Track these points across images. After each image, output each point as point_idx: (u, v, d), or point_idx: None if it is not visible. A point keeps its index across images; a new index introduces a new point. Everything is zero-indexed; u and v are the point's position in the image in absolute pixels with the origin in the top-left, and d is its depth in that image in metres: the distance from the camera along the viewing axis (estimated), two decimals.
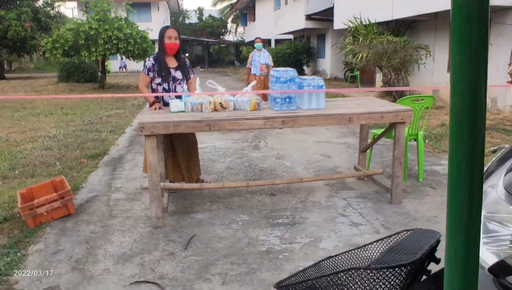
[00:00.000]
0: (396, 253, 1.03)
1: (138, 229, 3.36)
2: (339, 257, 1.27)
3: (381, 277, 0.94)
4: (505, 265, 0.80)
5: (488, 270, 0.82)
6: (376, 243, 1.26)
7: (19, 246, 3.10)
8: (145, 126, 3.23)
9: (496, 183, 0.92)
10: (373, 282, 0.95)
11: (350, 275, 0.98)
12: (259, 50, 9.04)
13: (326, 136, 6.70)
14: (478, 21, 0.43)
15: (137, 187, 4.34)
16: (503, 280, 0.80)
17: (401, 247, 1.07)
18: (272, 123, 3.43)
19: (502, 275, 0.80)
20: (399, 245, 1.10)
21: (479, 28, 0.43)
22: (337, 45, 14.38)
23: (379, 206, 3.71)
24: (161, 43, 3.95)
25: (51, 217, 3.50)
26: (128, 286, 2.54)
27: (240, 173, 4.84)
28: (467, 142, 0.42)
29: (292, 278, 1.19)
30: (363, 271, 0.97)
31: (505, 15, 8.40)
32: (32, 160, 5.45)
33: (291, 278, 1.19)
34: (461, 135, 0.42)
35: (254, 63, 9.01)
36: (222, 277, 2.62)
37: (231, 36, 40.69)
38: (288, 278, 1.19)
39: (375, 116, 3.56)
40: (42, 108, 10.59)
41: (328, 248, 2.96)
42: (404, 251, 1.03)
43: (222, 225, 3.39)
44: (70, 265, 2.80)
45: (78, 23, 14.85)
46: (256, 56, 9.03)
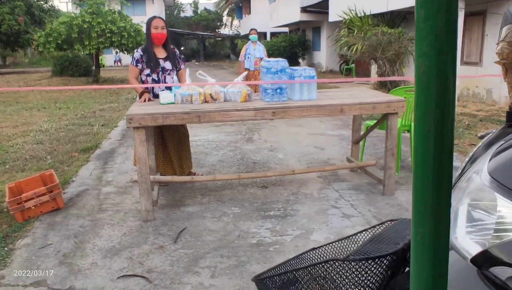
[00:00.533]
0: (378, 243, 0.99)
1: (128, 222, 3.32)
2: (323, 248, 1.23)
3: (360, 268, 0.91)
4: (488, 255, 0.76)
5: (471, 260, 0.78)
6: (361, 234, 1.22)
7: (6, 240, 3.05)
8: (133, 118, 3.17)
9: (481, 168, 0.87)
10: (352, 274, 0.92)
11: (329, 267, 0.94)
12: (254, 43, 8.33)
13: (320, 129, 6.66)
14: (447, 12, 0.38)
15: (128, 181, 4.30)
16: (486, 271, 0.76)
17: (383, 237, 1.03)
18: (262, 114, 3.38)
19: (485, 266, 0.76)
20: (381, 235, 1.06)
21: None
22: (332, 38, 14.30)
23: (372, 197, 3.68)
24: (148, 34, 3.89)
25: (39, 211, 3.46)
26: (116, 280, 2.51)
27: (233, 166, 4.80)
28: (434, 117, 0.38)
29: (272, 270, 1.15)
30: (341, 262, 0.93)
31: (501, 5, 8.36)
32: (23, 154, 5.39)
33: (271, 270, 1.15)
34: (428, 108, 0.38)
35: (248, 57, 8.27)
36: (211, 270, 2.59)
37: (226, 29, 40.47)
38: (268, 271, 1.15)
39: (367, 106, 3.51)
40: (35, 103, 10.49)
41: (319, 240, 2.93)
42: (386, 241, 0.99)
43: (213, 218, 3.35)
44: (58, 260, 2.76)
45: (71, 16, 14.70)
46: (251, 49, 8.27)
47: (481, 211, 0.83)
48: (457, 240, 0.83)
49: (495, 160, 0.87)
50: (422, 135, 0.39)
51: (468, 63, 9.35)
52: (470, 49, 9.45)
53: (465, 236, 0.81)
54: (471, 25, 9.26)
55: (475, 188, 0.85)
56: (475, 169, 0.90)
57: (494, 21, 8.54)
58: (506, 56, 0.96)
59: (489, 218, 0.81)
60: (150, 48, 3.90)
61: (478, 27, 9.10)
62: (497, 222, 0.78)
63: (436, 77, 0.39)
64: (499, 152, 0.89)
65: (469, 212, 0.84)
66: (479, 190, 0.84)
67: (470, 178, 0.90)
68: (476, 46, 9.23)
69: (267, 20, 23.73)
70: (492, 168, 0.85)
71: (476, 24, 9.16)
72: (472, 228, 0.82)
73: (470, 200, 0.85)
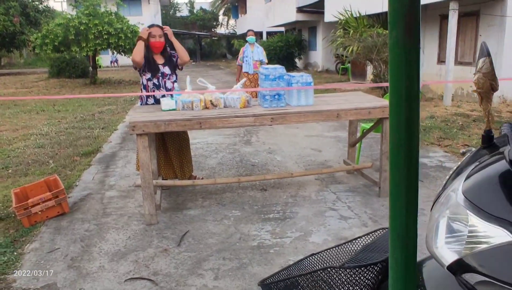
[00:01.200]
0: (370, 252, 1.10)
1: (132, 226, 3.43)
2: (321, 254, 1.35)
3: (354, 275, 1.02)
4: (461, 263, 0.88)
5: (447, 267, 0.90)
6: (355, 241, 1.34)
7: (15, 245, 3.15)
8: (137, 125, 3.28)
9: (457, 187, 0.99)
10: (348, 279, 1.03)
11: (327, 273, 1.06)
12: (252, 45, 7.82)
13: (317, 130, 6.78)
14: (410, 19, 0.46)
15: (130, 185, 4.40)
16: (459, 277, 0.89)
17: (375, 246, 1.15)
18: (261, 120, 3.50)
19: (459, 272, 0.89)
20: (373, 244, 1.18)
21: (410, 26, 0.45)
22: (328, 38, 14.42)
23: (367, 199, 3.81)
24: (147, 42, 4.00)
25: (46, 216, 3.56)
26: (123, 282, 2.61)
27: (232, 169, 4.91)
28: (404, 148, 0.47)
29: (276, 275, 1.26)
30: (338, 269, 1.05)
31: (494, 6, 8.49)
32: (25, 159, 5.48)
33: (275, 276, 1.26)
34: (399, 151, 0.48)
35: (246, 60, 7.73)
36: (215, 272, 2.70)
37: (222, 29, 40.51)
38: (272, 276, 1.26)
39: (363, 112, 3.63)
40: (33, 105, 10.55)
41: (317, 242, 3.05)
42: (377, 249, 1.10)
43: (214, 221, 3.46)
44: (66, 263, 2.87)
45: (68, 18, 14.71)
46: (249, 52, 7.75)
47: (459, 223, 0.96)
48: (437, 249, 0.95)
49: (468, 181, 0.99)
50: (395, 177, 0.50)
51: (462, 63, 9.50)
52: (464, 49, 9.59)
53: (444, 246, 0.94)
54: (465, 26, 9.40)
55: (452, 205, 0.97)
56: (452, 187, 1.02)
57: (488, 22, 8.69)
58: (481, 86, 1.07)
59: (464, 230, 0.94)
60: (150, 55, 4.01)
61: (472, 27, 9.24)
62: (468, 235, 0.91)
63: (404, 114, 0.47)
64: (472, 173, 1.01)
65: (448, 224, 0.96)
66: (456, 207, 0.96)
67: (449, 195, 1.02)
68: (470, 46, 9.37)
69: (263, 19, 23.81)
70: (465, 188, 0.97)
71: (469, 25, 9.31)
72: (450, 238, 0.94)
73: (449, 214, 0.97)
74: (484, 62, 1.06)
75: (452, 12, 8.49)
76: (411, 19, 0.44)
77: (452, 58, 8.75)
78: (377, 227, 3.22)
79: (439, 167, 4.68)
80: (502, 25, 8.31)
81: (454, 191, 0.99)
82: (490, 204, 0.90)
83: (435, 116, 7.49)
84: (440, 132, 6.22)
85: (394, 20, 0.44)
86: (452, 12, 8.50)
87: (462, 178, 1.01)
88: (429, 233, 1.01)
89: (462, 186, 0.99)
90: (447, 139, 5.83)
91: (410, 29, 0.44)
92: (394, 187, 0.49)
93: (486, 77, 1.06)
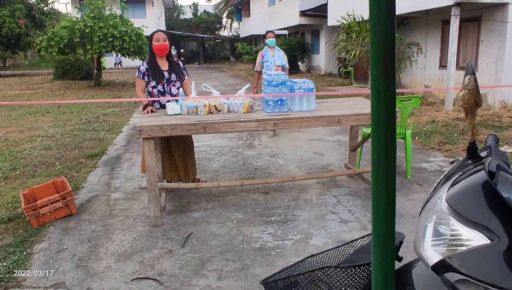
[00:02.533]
0: (363, 253, 1.19)
1: (138, 227, 3.52)
2: (320, 255, 1.44)
3: (349, 274, 1.11)
4: (444, 263, 0.98)
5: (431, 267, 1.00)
6: (353, 243, 1.43)
7: (24, 245, 3.25)
8: (143, 130, 3.38)
9: (442, 195, 1.09)
10: (343, 278, 1.12)
11: (324, 272, 1.15)
12: (272, 48, 6.70)
13: (318, 134, 6.87)
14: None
15: (135, 187, 4.50)
16: (442, 276, 0.99)
17: (368, 247, 1.24)
18: (264, 125, 3.59)
19: (441, 271, 0.99)
20: (366, 246, 1.27)
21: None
22: (330, 42, 14.51)
23: (368, 203, 3.89)
24: (151, 47, 4.10)
25: (53, 217, 3.66)
26: (130, 282, 2.71)
27: (235, 172, 5.00)
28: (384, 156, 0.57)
29: (277, 275, 1.35)
30: (334, 269, 1.14)
31: (495, 12, 8.57)
32: (32, 160, 5.59)
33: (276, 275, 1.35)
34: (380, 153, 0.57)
35: (266, 65, 6.60)
36: (218, 273, 2.79)
37: (226, 31, 40.71)
38: (273, 275, 1.35)
39: (363, 117, 3.72)
40: (38, 107, 10.69)
41: (318, 245, 3.13)
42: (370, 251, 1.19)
43: (218, 223, 3.55)
44: (74, 263, 2.96)
45: (73, 20, 14.88)
46: (269, 56, 6.62)
47: (445, 227, 1.06)
48: (424, 251, 1.05)
49: (451, 190, 1.09)
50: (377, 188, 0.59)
51: (463, 68, 9.57)
52: (465, 54, 9.66)
53: (430, 248, 1.04)
54: (467, 31, 9.48)
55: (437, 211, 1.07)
56: (438, 195, 1.12)
57: (489, 28, 8.76)
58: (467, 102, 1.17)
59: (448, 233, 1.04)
60: (154, 61, 4.11)
61: (474, 33, 9.32)
62: (450, 238, 1.01)
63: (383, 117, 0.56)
64: (455, 183, 1.11)
65: (435, 228, 1.06)
66: (440, 212, 1.06)
67: (435, 202, 1.12)
68: (472, 51, 9.45)
69: (267, 23, 23.95)
70: (449, 196, 1.08)
71: (471, 30, 9.38)
72: (436, 241, 1.03)
73: (436, 219, 1.07)
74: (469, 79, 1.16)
75: (454, 17, 8.57)
76: (388, 60, 0.53)
77: (453, 63, 8.83)
78: None
79: (438, 171, 4.75)
80: (503, 31, 8.39)
81: (440, 198, 1.09)
82: (469, 211, 1.00)
83: (436, 120, 7.57)
84: (441, 137, 6.30)
85: (375, 61, 0.54)
86: (454, 18, 8.58)
87: (447, 186, 1.11)
88: (417, 236, 1.10)
89: (446, 194, 1.08)
90: (448, 144, 5.91)
91: (387, 68, 0.53)
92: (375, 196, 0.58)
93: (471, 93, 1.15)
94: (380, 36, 0.51)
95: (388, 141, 0.55)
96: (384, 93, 0.53)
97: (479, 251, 0.93)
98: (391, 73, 0.53)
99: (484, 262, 0.92)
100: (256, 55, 19.59)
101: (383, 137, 0.55)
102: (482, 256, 0.93)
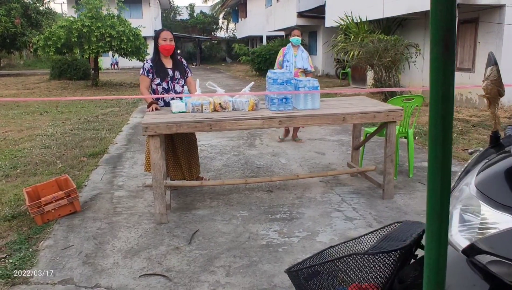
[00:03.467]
0: (389, 240, 1.20)
1: (143, 225, 3.52)
2: (339, 246, 1.45)
3: (377, 261, 1.12)
4: (474, 247, 1.01)
5: (462, 251, 1.03)
6: (371, 234, 1.44)
7: (29, 242, 3.24)
8: (149, 127, 3.38)
9: (470, 181, 1.12)
10: (370, 265, 1.13)
11: (351, 259, 1.16)
12: (296, 48, 5.90)
13: (319, 134, 6.89)
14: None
15: (138, 185, 4.49)
16: (472, 259, 1.01)
17: (393, 235, 1.25)
18: (270, 123, 3.60)
19: (472, 255, 1.01)
20: (391, 234, 1.28)
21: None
22: (328, 43, 14.57)
23: (372, 201, 3.91)
24: (157, 45, 4.10)
25: (58, 214, 3.64)
26: (138, 278, 2.70)
27: (238, 171, 5.01)
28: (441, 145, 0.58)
29: (300, 264, 1.36)
30: (362, 255, 1.15)
31: (492, 14, 8.65)
32: (33, 159, 5.56)
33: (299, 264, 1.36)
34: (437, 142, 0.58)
35: (287, 66, 5.78)
36: (226, 269, 2.79)
37: (222, 32, 40.72)
38: (297, 264, 1.36)
39: (368, 116, 3.74)
40: (36, 106, 10.64)
41: (324, 241, 3.14)
42: (396, 239, 1.20)
43: (223, 221, 3.56)
44: (81, 260, 2.95)
45: (70, 20, 14.82)
46: (291, 55, 5.83)
47: (470, 214, 1.08)
48: (452, 237, 1.08)
49: (480, 176, 1.12)
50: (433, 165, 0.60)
51: (461, 69, 9.64)
52: (463, 55, 9.74)
53: (457, 233, 1.06)
54: (464, 33, 9.55)
55: (465, 197, 1.10)
56: (465, 182, 1.15)
57: (486, 29, 8.84)
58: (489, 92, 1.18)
59: (475, 220, 1.06)
60: (159, 59, 4.11)
61: (471, 34, 9.39)
62: (480, 222, 1.03)
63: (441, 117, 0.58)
64: (483, 169, 1.14)
65: (461, 215, 1.08)
66: (469, 198, 1.09)
67: (462, 189, 1.14)
68: (469, 53, 9.52)
69: (264, 24, 24.00)
70: (478, 182, 1.10)
71: (468, 32, 9.46)
72: (463, 227, 1.06)
73: (462, 206, 1.10)
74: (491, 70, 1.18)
75: None
76: (448, 39, 0.54)
77: None
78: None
79: None
80: (500, 32, 8.47)
81: (467, 184, 1.11)
82: (499, 194, 1.03)
83: None
84: None
85: (435, 39, 0.55)
86: None
87: (474, 173, 1.13)
88: None
89: (474, 179, 1.10)
90: None
91: (448, 47, 0.54)
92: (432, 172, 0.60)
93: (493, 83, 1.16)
94: (441, 13, 0.52)
95: (446, 120, 0.57)
96: (444, 70, 0.54)
97: (510, 233, 0.95)
98: (451, 50, 0.54)
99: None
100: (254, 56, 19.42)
101: (440, 117, 0.57)
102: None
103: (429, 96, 0.57)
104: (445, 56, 0.54)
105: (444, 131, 0.57)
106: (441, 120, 0.57)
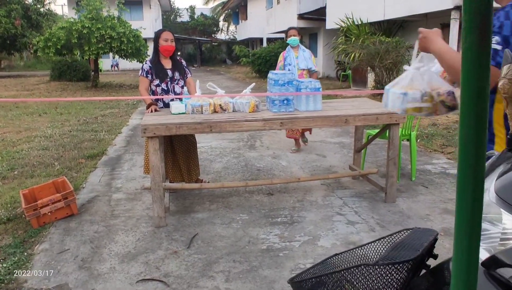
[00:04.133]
0: (400, 250, 1.14)
1: (141, 228, 3.44)
2: (344, 254, 1.38)
3: (387, 272, 1.05)
4: (495, 259, 0.93)
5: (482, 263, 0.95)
6: (378, 242, 1.37)
7: (24, 245, 3.16)
8: (148, 128, 3.31)
9: (488, 187, 1.04)
10: (380, 277, 1.06)
11: (359, 271, 1.09)
12: (296, 48, 5.60)
13: (320, 136, 6.82)
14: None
15: (137, 187, 4.42)
16: (493, 272, 0.93)
17: (404, 244, 1.18)
18: (271, 124, 3.53)
19: (492, 268, 0.93)
20: (401, 242, 1.21)
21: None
22: (329, 45, 14.53)
23: (374, 205, 3.84)
24: (157, 46, 4.04)
25: (54, 217, 3.57)
26: (135, 284, 2.63)
27: (238, 173, 4.93)
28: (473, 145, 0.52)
29: (303, 274, 1.29)
30: (372, 266, 1.08)
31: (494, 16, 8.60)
32: (31, 161, 5.49)
33: (303, 274, 1.29)
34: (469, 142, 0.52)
35: (289, 69, 5.42)
36: (226, 274, 2.72)
37: (222, 34, 40.73)
38: (300, 274, 1.29)
39: (371, 117, 3.67)
40: (35, 107, 10.58)
41: (326, 246, 3.07)
42: (407, 248, 1.14)
43: (223, 224, 3.48)
44: (77, 264, 2.88)
45: (71, 21, 14.78)
46: (292, 58, 5.51)
47: (488, 223, 1.00)
48: None
49: (500, 181, 1.04)
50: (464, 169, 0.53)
51: None
52: None
53: None
54: None
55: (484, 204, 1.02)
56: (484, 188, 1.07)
57: None
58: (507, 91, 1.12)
59: (496, 229, 0.98)
60: (158, 59, 4.05)
61: None
62: (502, 232, 0.96)
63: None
64: (503, 173, 1.06)
65: None
66: (487, 205, 1.01)
67: None
68: None
69: (264, 26, 23.98)
70: (498, 187, 1.02)
71: None
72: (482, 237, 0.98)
73: None
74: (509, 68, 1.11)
75: (453, 21, 8.59)
76: (485, 26, 0.48)
77: None
78: (385, 232, 3.26)
79: (443, 173, 4.72)
80: None
81: (486, 191, 1.04)
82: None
83: (437, 123, 7.55)
84: (443, 139, 6.27)
85: (468, 26, 0.48)
86: (454, 21, 8.60)
87: (493, 178, 1.05)
88: None
89: (493, 185, 1.03)
90: (450, 146, 5.88)
91: (483, 36, 0.48)
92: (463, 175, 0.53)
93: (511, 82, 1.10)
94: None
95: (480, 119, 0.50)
96: (478, 62, 0.48)
97: None
98: (487, 41, 0.47)
99: None
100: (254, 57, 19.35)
101: (474, 115, 0.50)
102: None
103: (461, 91, 0.50)
104: (481, 46, 0.48)
105: (478, 132, 0.50)
106: (475, 119, 0.50)
